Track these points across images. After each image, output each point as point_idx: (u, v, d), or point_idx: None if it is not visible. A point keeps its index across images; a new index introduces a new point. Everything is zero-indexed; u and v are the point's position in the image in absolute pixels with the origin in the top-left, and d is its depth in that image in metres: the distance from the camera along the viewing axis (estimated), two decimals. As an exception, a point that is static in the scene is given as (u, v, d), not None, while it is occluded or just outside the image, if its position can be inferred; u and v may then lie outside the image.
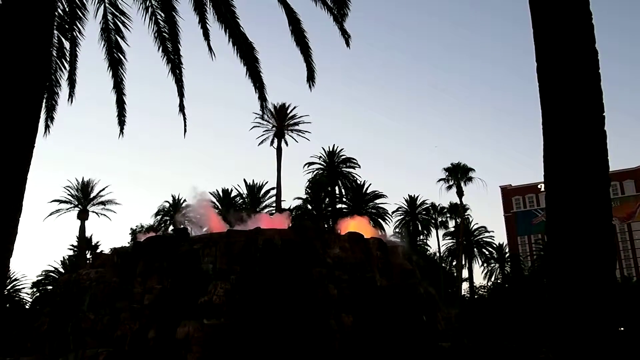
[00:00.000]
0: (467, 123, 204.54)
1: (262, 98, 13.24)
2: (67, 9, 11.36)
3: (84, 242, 62.64)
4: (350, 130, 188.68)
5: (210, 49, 12.73)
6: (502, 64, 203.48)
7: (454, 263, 72.23)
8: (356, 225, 33.76)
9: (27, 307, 56.89)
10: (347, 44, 12.60)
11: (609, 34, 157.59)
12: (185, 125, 13.33)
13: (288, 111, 59.43)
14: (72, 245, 66.70)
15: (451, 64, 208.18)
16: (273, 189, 61.00)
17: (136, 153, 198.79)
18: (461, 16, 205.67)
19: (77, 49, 12.52)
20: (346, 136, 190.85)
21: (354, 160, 63.72)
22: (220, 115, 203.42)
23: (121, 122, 13.70)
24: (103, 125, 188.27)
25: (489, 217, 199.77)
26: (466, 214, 68.88)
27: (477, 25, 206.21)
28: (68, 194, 63.39)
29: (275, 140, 58.45)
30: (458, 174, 62.20)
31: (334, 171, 62.75)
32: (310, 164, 63.64)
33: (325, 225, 53.56)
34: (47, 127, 13.20)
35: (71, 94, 13.27)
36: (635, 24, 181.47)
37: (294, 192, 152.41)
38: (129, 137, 14.09)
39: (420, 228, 69.70)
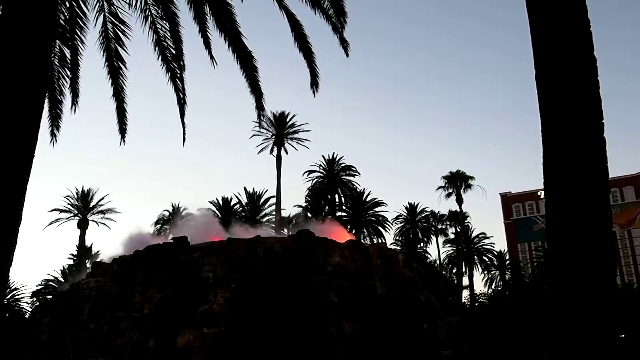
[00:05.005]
0: (466, 130, 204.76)
1: (260, 107, 13.27)
2: (67, 18, 11.39)
3: (83, 251, 62.61)
4: (350, 138, 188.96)
5: (211, 57, 12.77)
6: (501, 72, 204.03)
7: (454, 270, 72.17)
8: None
9: (26, 316, 56.68)
10: (346, 53, 12.63)
11: (607, 44, 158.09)
12: (184, 134, 13.35)
13: (287, 119, 59.56)
14: (72, 255, 66.67)
15: (451, 73, 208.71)
16: (273, 197, 61.04)
17: (136, 162, 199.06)
18: (460, 25, 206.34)
19: (79, 57, 12.56)
20: (346, 144, 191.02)
21: (354, 168, 63.85)
22: (220, 124, 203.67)
23: (122, 130, 13.74)
24: (103, 135, 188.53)
25: (488, 224, 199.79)
26: (466, 221, 68.95)
27: (476, 34, 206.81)
28: (68, 203, 63.61)
29: (275, 149, 58.54)
30: (457, 182, 62.28)
31: (333, 179, 62.75)
32: (310, 172, 63.77)
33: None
34: (53, 135, 13.28)
35: (74, 103, 13.34)
36: (634, 34, 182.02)
37: (294, 200, 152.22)
38: (129, 146, 14.15)
39: (420, 236, 69.68)
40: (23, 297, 64.31)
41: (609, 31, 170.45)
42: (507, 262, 79.53)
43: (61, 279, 62.47)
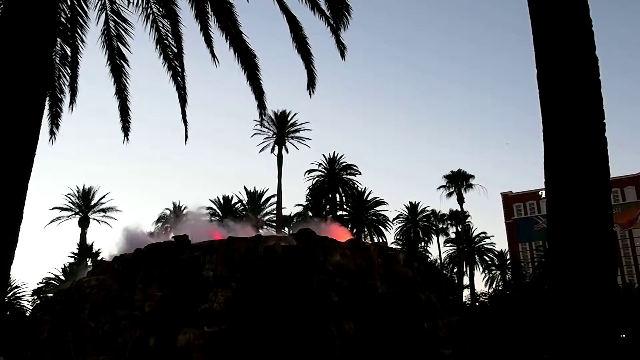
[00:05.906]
0: (467, 130, 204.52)
1: (262, 106, 13.24)
2: (69, 16, 11.40)
3: (84, 250, 62.71)
4: (351, 137, 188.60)
5: (213, 55, 12.75)
6: (502, 71, 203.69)
7: (455, 270, 72.15)
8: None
9: (27, 314, 56.69)
10: (343, 56, 12.54)
11: (609, 44, 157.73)
12: (186, 133, 13.35)
13: (288, 118, 59.51)
14: (73, 253, 66.76)
15: (452, 72, 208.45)
16: (274, 196, 61.02)
17: (137, 160, 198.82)
18: (461, 25, 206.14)
19: (79, 56, 12.56)
20: (347, 143, 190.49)
21: (355, 167, 63.81)
22: (221, 123, 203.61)
23: (125, 129, 13.73)
24: (105, 133, 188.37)
25: (489, 223, 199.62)
26: (467, 220, 68.92)
27: (477, 34, 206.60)
28: (69, 202, 63.70)
29: (276, 148, 58.51)
30: (458, 181, 62.30)
31: (334, 178, 62.73)
32: (310, 171, 63.76)
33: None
34: (52, 133, 13.28)
35: (72, 101, 13.33)
36: (635, 34, 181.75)
37: (294, 199, 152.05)
38: (130, 144, 14.13)
39: (421, 235, 69.61)
40: (24, 295, 64.38)
41: (611, 31, 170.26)
42: (508, 261, 79.49)
43: (62, 277, 62.58)
